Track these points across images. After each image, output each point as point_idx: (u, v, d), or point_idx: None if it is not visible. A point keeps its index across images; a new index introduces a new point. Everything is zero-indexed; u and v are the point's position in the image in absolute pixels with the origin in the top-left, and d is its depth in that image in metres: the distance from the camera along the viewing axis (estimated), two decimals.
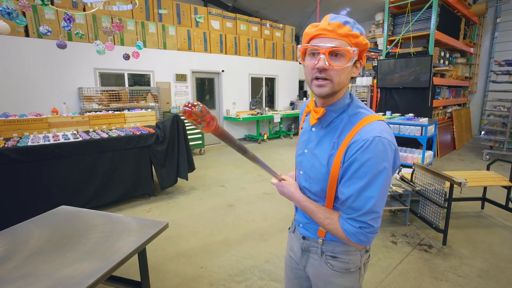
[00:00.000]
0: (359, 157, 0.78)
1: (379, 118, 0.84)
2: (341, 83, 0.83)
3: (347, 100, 0.89)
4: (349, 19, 0.80)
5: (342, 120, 0.87)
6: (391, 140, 0.80)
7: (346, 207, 0.83)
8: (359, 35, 0.80)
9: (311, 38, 0.82)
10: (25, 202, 2.86)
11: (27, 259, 1.41)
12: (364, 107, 0.90)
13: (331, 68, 0.79)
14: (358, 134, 0.80)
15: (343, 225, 0.84)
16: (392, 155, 0.80)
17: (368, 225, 0.80)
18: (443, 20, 5.73)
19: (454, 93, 7.03)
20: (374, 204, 0.79)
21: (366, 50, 0.84)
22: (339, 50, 0.78)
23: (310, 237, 1.00)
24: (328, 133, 0.89)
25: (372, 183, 0.78)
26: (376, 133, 0.78)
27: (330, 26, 0.78)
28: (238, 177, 4.73)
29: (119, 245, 1.53)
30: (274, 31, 8.67)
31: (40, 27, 2.92)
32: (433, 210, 2.77)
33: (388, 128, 0.83)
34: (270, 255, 2.52)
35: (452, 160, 5.77)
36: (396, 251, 2.55)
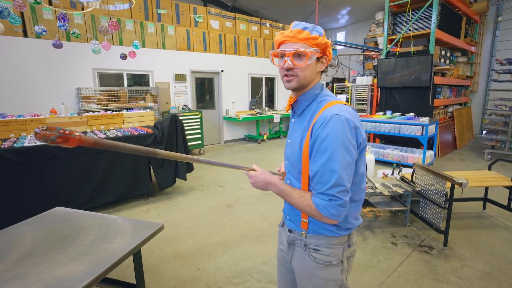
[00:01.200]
0: (320, 133, 0.89)
1: (341, 102, 0.96)
2: (306, 77, 0.96)
3: (317, 90, 1.01)
4: (307, 25, 0.94)
5: (311, 107, 0.99)
6: (350, 118, 0.89)
7: (315, 183, 0.91)
8: (317, 37, 0.93)
9: (279, 44, 0.97)
10: (21, 203, 2.84)
11: (18, 262, 1.38)
12: (331, 95, 1.01)
13: (296, 66, 0.94)
14: (321, 115, 0.92)
15: (314, 200, 0.91)
16: (352, 132, 0.89)
17: (337, 197, 0.87)
18: (444, 19, 5.69)
19: (455, 92, 6.99)
20: (338, 177, 0.86)
21: (328, 47, 0.97)
22: (299, 52, 0.93)
23: (295, 230, 1.05)
24: (302, 120, 1.01)
25: (333, 157, 0.87)
26: (334, 112, 0.89)
27: (292, 33, 0.93)
28: (237, 177, 4.70)
29: (113, 247, 1.50)
30: (274, 30, 8.64)
31: (35, 26, 2.90)
32: (434, 210, 2.73)
33: (348, 109, 0.93)
34: (268, 256, 2.49)
35: (453, 160, 5.73)
36: (396, 252, 2.51)
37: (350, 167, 0.90)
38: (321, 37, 0.95)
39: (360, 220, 1.05)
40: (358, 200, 1.01)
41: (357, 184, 0.98)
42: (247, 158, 5.98)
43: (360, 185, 1.00)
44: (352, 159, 0.89)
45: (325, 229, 0.99)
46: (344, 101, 0.98)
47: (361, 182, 1.00)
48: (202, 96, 7.45)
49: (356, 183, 0.97)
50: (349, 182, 0.90)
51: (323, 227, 0.99)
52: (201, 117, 6.31)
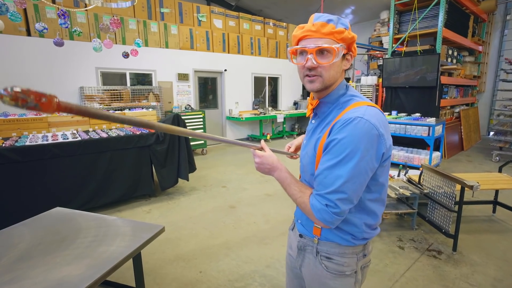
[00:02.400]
0: (337, 135, 0.80)
1: (369, 104, 0.85)
2: (331, 77, 0.86)
3: (342, 91, 0.91)
4: (332, 17, 0.83)
5: (335, 108, 0.90)
6: (375, 124, 0.79)
7: (317, 183, 0.84)
8: (343, 31, 0.82)
9: (299, 39, 0.87)
10: (22, 203, 2.81)
11: (14, 264, 1.34)
12: (358, 95, 0.91)
13: (319, 65, 0.83)
14: (344, 115, 0.83)
15: (311, 200, 0.84)
16: (374, 141, 0.79)
17: (335, 205, 0.80)
18: (451, 17, 5.58)
19: (462, 92, 6.87)
20: (342, 184, 0.78)
21: (354, 43, 0.87)
22: (324, 48, 0.82)
23: (307, 235, 0.99)
24: (322, 121, 0.94)
25: (344, 163, 0.78)
26: (359, 114, 0.79)
27: (314, 27, 0.82)
28: (240, 177, 4.65)
29: (112, 250, 1.45)
30: (278, 30, 8.57)
31: (36, 24, 2.87)
32: (443, 214, 2.65)
33: (375, 113, 0.82)
34: (271, 259, 2.43)
35: (460, 161, 5.62)
36: (404, 256, 2.44)
37: (361, 177, 0.80)
38: (347, 30, 0.84)
39: (378, 230, 0.97)
40: (376, 210, 0.92)
41: (374, 193, 0.89)
42: (249, 158, 5.92)
43: (379, 195, 0.91)
44: (366, 169, 0.80)
45: (339, 237, 0.92)
46: (373, 103, 0.87)
47: (379, 192, 0.90)
48: (205, 95, 7.41)
49: (373, 192, 0.89)
50: (356, 192, 0.81)
51: (337, 235, 0.92)
52: (204, 116, 6.26)
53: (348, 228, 0.91)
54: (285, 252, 2.47)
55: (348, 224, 0.90)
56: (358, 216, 0.90)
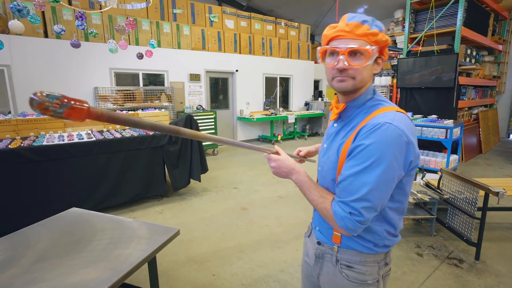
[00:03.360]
0: (364, 140, 0.77)
1: (397, 110, 0.82)
2: (362, 80, 0.83)
3: (369, 95, 0.88)
4: (367, 18, 0.80)
5: (360, 112, 0.87)
6: (404, 130, 0.76)
7: (341, 189, 0.81)
8: (378, 33, 0.80)
9: (330, 39, 0.83)
10: (39, 202, 2.86)
11: (32, 266, 1.34)
12: (386, 100, 0.88)
13: (351, 67, 0.80)
14: (370, 121, 0.80)
15: (334, 206, 0.81)
16: (403, 148, 0.76)
17: (359, 213, 0.77)
18: (470, 16, 5.39)
19: (480, 93, 6.64)
20: (368, 191, 0.75)
21: (387, 46, 0.84)
22: (358, 50, 0.79)
23: (325, 243, 0.96)
24: (345, 125, 0.90)
25: (370, 169, 0.75)
26: (387, 119, 0.76)
27: (348, 27, 0.79)
28: (251, 179, 4.62)
29: (128, 253, 1.44)
30: (289, 30, 8.50)
31: (54, 26, 2.92)
32: (464, 220, 2.55)
33: (406, 120, 0.79)
34: (285, 264, 2.38)
35: (478, 165, 5.43)
36: (423, 264, 2.35)
37: (388, 185, 0.77)
38: (381, 33, 0.80)
39: (399, 237, 0.93)
40: (397, 218, 0.89)
41: (397, 203, 0.86)
42: (260, 159, 5.88)
43: (401, 204, 0.87)
44: (393, 177, 0.77)
45: (360, 245, 0.89)
46: (400, 109, 0.83)
47: (402, 201, 0.87)
48: (216, 96, 7.42)
49: (396, 201, 0.85)
50: (381, 201, 0.78)
51: (359, 243, 0.89)
52: (215, 117, 6.26)
53: (369, 236, 0.88)
54: (299, 256, 2.44)
55: (369, 231, 0.87)
56: (378, 224, 0.87)
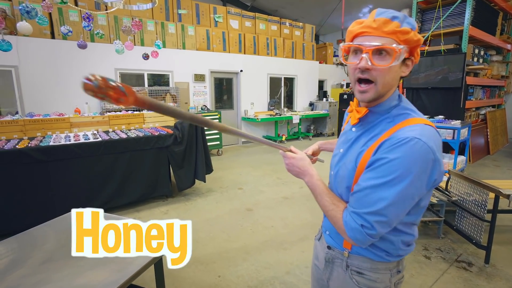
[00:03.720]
0: (388, 154, 0.71)
1: (425, 122, 0.75)
2: (386, 84, 0.76)
3: (394, 101, 0.81)
4: (398, 14, 0.73)
5: (384, 120, 0.80)
6: (433, 147, 0.70)
7: (355, 199, 0.77)
8: (409, 31, 0.72)
9: (354, 36, 0.77)
10: (45, 202, 2.88)
11: (39, 266, 1.35)
12: (413, 109, 0.81)
13: (375, 68, 0.73)
14: (396, 132, 0.73)
15: (345, 216, 0.78)
16: (429, 166, 0.71)
17: (372, 226, 0.73)
18: (479, 15, 5.31)
19: (488, 93, 6.54)
20: (385, 207, 0.71)
21: (418, 47, 0.76)
22: (384, 48, 0.71)
23: (336, 247, 0.94)
24: (366, 131, 0.84)
25: (390, 185, 0.71)
26: (415, 135, 0.70)
27: (376, 23, 0.72)
28: (256, 179, 4.61)
29: (135, 255, 1.43)
30: (294, 30, 8.47)
31: (61, 27, 2.94)
32: (473, 223, 2.51)
33: (434, 135, 0.73)
34: (291, 265, 2.36)
35: (486, 166, 5.35)
36: (431, 267, 2.32)
37: (407, 202, 0.73)
38: (413, 31, 0.73)
39: (413, 246, 0.90)
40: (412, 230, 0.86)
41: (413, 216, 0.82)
42: (265, 159, 5.87)
43: (417, 217, 0.84)
44: (413, 195, 0.73)
45: (372, 253, 0.86)
46: (430, 121, 0.76)
47: (419, 215, 0.84)
48: (221, 96, 7.42)
49: (412, 215, 0.82)
50: (397, 218, 0.74)
51: (370, 251, 0.86)
52: (219, 117, 6.26)
53: (382, 245, 0.85)
54: (305, 258, 2.42)
55: (383, 241, 0.84)
56: (394, 233, 0.83)
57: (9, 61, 4.52)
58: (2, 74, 4.61)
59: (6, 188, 2.71)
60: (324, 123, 8.87)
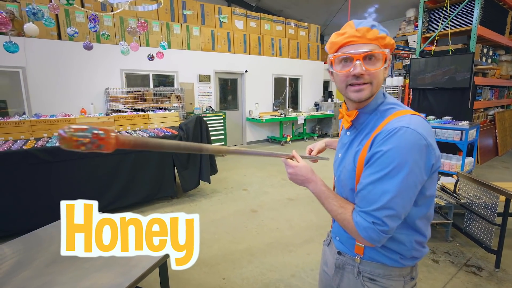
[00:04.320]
0: (381, 147, 0.74)
1: (412, 113, 0.79)
2: (379, 84, 0.81)
3: (380, 99, 0.86)
4: (374, 22, 0.80)
5: (373, 117, 0.84)
6: (422, 133, 0.73)
7: (360, 198, 0.78)
8: (386, 36, 0.79)
9: (340, 46, 0.81)
10: (51, 202, 2.88)
11: (45, 268, 1.35)
12: (398, 103, 0.85)
13: (368, 72, 0.78)
14: (385, 126, 0.77)
15: (355, 217, 0.78)
16: (423, 151, 0.73)
17: (383, 222, 0.74)
18: (487, 14, 5.23)
19: (496, 93, 6.43)
20: (390, 199, 0.72)
21: (393, 50, 0.84)
22: (373, 53, 0.77)
23: (346, 253, 0.92)
24: (358, 132, 0.87)
25: (390, 176, 0.72)
26: (403, 124, 0.74)
27: (359, 32, 0.78)
28: (261, 180, 4.59)
29: (139, 257, 1.43)
30: (299, 30, 8.44)
31: (68, 28, 2.96)
32: (482, 226, 2.45)
33: (422, 123, 0.76)
34: (297, 268, 2.34)
35: (495, 168, 5.26)
36: (439, 271, 2.27)
37: (410, 191, 0.74)
38: (388, 36, 0.80)
39: (427, 248, 0.88)
40: (425, 226, 0.84)
41: (422, 207, 0.81)
42: (269, 160, 5.84)
43: (427, 210, 0.83)
44: (415, 183, 0.74)
45: (385, 257, 0.84)
46: (415, 111, 0.80)
47: (427, 206, 0.82)
48: (226, 96, 7.42)
49: (421, 206, 0.81)
50: (404, 208, 0.75)
51: (383, 255, 0.84)
52: (224, 118, 6.25)
53: (395, 247, 0.83)
54: (310, 261, 2.40)
55: (395, 241, 0.82)
56: (405, 232, 0.82)
57: (17, 62, 4.57)
58: (10, 75, 4.67)
59: (13, 188, 2.74)
60: (329, 123, 8.81)
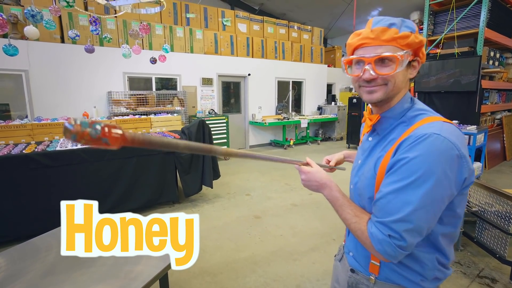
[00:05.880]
0: (407, 154, 0.67)
1: (443, 120, 0.72)
2: (396, 86, 0.74)
3: (407, 104, 0.78)
4: (394, 20, 0.72)
5: (399, 125, 0.77)
6: (455, 143, 0.65)
7: (378, 208, 0.71)
8: (409, 35, 0.71)
9: (354, 48, 0.76)
10: (52, 208, 2.83)
11: (41, 279, 1.29)
12: (429, 109, 0.78)
13: (379, 76, 0.72)
14: (414, 131, 0.70)
15: (370, 227, 0.71)
16: (454, 162, 0.65)
17: (400, 236, 0.66)
18: (494, 16, 5.15)
19: (504, 97, 6.33)
20: (411, 212, 0.65)
21: (422, 47, 0.75)
22: (385, 57, 0.71)
23: (360, 271, 0.85)
24: (382, 138, 0.80)
25: (414, 186, 0.65)
26: (434, 130, 0.66)
27: (373, 33, 0.72)
28: (264, 185, 4.51)
29: (139, 270, 1.36)
30: (302, 33, 8.40)
31: (69, 31, 2.93)
32: (495, 235, 2.36)
33: (455, 131, 0.69)
34: (302, 278, 2.26)
35: (504, 173, 5.14)
36: (450, 282, 2.18)
37: (436, 205, 0.66)
38: (414, 34, 0.72)
39: (451, 269, 0.80)
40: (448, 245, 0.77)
41: (448, 226, 0.73)
42: (272, 164, 5.77)
43: (453, 229, 0.75)
44: (442, 196, 0.66)
45: (404, 279, 0.76)
46: (448, 119, 0.73)
47: (454, 225, 0.75)
48: (228, 100, 7.38)
49: (446, 225, 0.73)
50: (427, 224, 0.67)
51: (402, 276, 0.76)
52: (227, 121, 6.20)
53: (416, 266, 0.75)
54: (316, 270, 2.32)
55: (416, 261, 0.75)
56: (426, 250, 0.74)
57: (19, 66, 4.55)
58: (13, 78, 4.66)
59: (13, 193, 2.69)
60: (332, 127, 8.73)
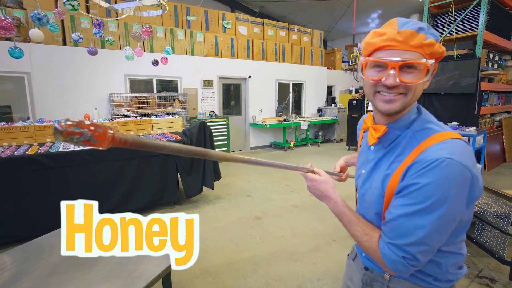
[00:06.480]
0: (418, 179, 0.64)
1: (455, 136, 0.68)
2: (415, 97, 0.71)
3: (413, 115, 0.75)
4: (422, 25, 0.66)
5: (404, 137, 0.74)
6: (467, 165, 0.63)
7: (390, 229, 0.70)
8: (434, 43, 0.66)
9: (375, 49, 0.69)
10: (54, 209, 2.85)
11: (45, 279, 1.31)
12: (436, 122, 0.75)
13: (403, 84, 0.67)
14: (423, 154, 0.66)
15: (382, 248, 0.70)
16: (467, 185, 0.64)
17: (414, 257, 0.66)
18: (493, 19, 5.19)
19: (503, 99, 6.36)
20: (425, 235, 0.65)
21: (441, 59, 0.71)
22: (413, 63, 0.66)
23: (375, 269, 0.86)
24: (388, 152, 0.77)
25: (427, 212, 0.64)
26: (446, 154, 0.63)
27: (401, 36, 0.65)
28: (264, 186, 4.53)
29: (142, 269, 1.39)
30: (302, 35, 8.45)
31: (72, 34, 2.97)
32: (494, 236, 2.38)
33: (466, 150, 0.66)
34: (303, 278, 2.27)
35: (503, 175, 5.16)
36: None
37: (448, 226, 0.67)
38: (438, 43, 0.67)
39: (465, 268, 0.81)
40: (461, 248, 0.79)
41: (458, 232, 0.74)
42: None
43: (461, 234, 0.76)
44: (454, 216, 0.66)
45: (417, 278, 0.77)
46: (457, 134, 0.69)
47: (463, 230, 0.76)
48: (229, 102, 7.41)
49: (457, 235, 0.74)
50: (439, 243, 0.69)
51: (415, 276, 0.77)
52: (227, 123, 6.23)
53: (428, 270, 0.76)
54: (316, 270, 2.33)
55: (429, 264, 0.75)
56: (439, 255, 0.75)
57: (22, 68, 4.59)
58: (15, 80, 4.69)
59: (16, 194, 2.71)
60: (332, 129, 8.76)
